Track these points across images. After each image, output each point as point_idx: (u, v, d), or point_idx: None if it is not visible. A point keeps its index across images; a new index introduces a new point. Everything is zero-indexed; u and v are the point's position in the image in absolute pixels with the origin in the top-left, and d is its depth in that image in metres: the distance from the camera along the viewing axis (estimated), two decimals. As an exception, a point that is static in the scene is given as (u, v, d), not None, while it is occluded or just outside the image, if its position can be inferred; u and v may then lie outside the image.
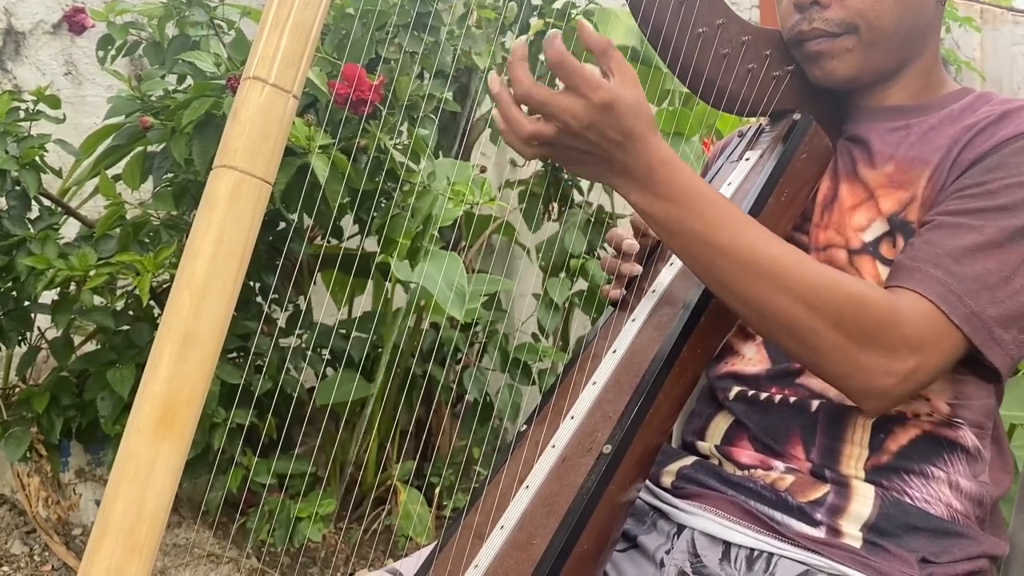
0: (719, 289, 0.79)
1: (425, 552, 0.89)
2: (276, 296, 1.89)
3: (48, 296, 1.68)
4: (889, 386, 0.76)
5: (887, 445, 0.84)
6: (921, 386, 0.78)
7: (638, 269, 0.92)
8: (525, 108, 0.76)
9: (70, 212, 1.85)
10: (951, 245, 0.78)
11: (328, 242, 1.95)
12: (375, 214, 1.72)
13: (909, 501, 0.83)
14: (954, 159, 0.83)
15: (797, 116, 0.91)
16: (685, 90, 0.91)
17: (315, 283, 2.05)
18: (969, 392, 0.85)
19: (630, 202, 0.79)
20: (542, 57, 1.98)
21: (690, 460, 0.93)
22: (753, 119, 0.96)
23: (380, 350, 1.89)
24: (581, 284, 2.04)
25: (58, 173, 1.81)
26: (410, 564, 0.90)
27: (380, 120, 1.64)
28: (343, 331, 1.97)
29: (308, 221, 1.83)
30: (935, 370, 0.77)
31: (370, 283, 2.06)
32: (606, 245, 0.96)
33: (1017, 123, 0.81)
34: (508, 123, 0.76)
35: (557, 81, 0.75)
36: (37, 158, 1.66)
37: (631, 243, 0.93)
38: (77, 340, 1.86)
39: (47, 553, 1.91)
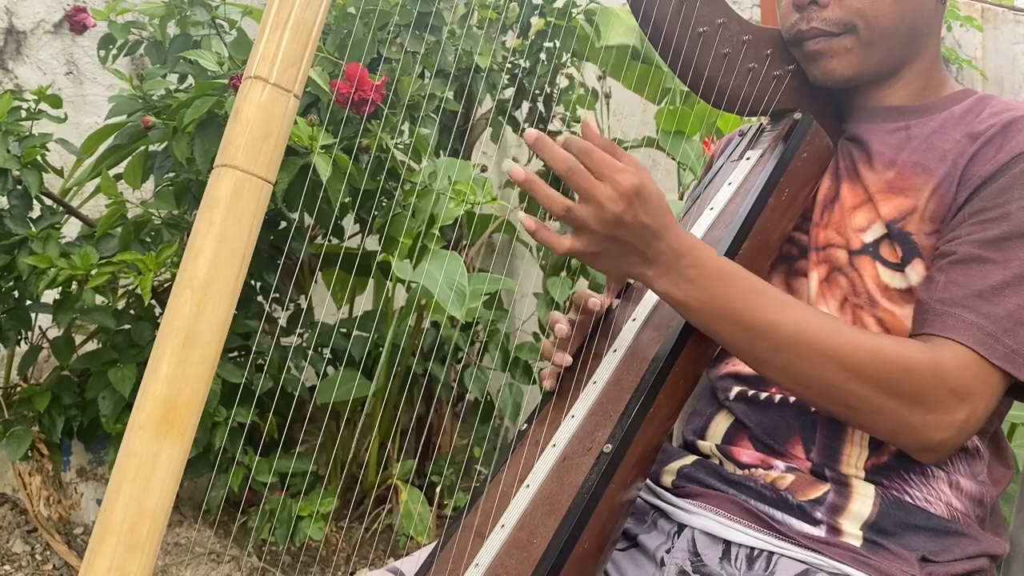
0: (761, 366, 0.80)
1: (426, 551, 0.89)
2: (277, 295, 1.89)
3: (50, 295, 1.68)
4: (944, 439, 0.77)
5: (887, 445, 0.84)
6: (975, 431, 0.79)
7: (568, 360, 0.88)
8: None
9: (71, 211, 1.85)
10: (979, 285, 0.78)
11: (329, 241, 1.95)
12: (376, 213, 1.72)
13: (909, 500, 0.83)
14: (960, 173, 0.82)
15: (798, 115, 0.91)
16: (685, 89, 0.92)
17: (316, 282, 2.05)
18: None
19: (658, 290, 0.79)
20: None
21: (691, 459, 0.93)
22: (754, 118, 0.96)
23: (381, 349, 1.89)
24: (582, 283, 2.04)
25: (60, 172, 1.82)
26: (411, 563, 0.90)
27: (382, 120, 1.65)
28: (344, 330, 1.97)
29: (309, 220, 1.83)
30: (985, 413, 0.78)
31: (371, 282, 2.07)
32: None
33: (1023, 135, 0.81)
34: (542, 200, 0.75)
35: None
36: (39, 157, 1.66)
37: (561, 327, 0.88)
38: (78, 339, 1.86)
39: (48, 552, 1.92)
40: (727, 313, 0.78)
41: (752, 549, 0.83)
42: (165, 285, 1.82)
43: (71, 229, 1.83)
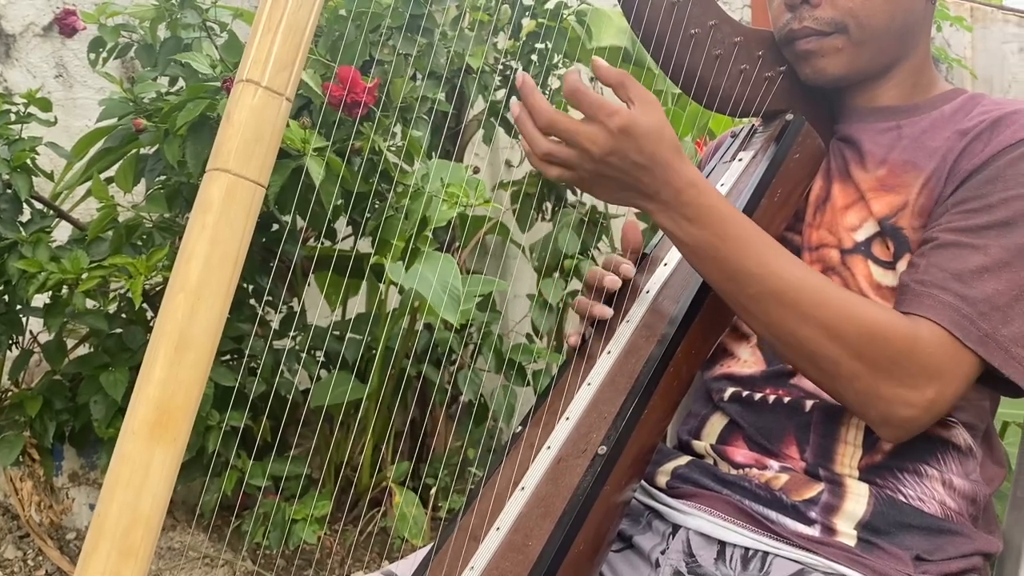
0: (743, 313, 0.80)
1: (421, 554, 0.89)
2: (270, 298, 1.88)
3: (40, 299, 1.68)
4: (910, 417, 0.77)
5: (880, 444, 0.84)
6: (941, 415, 0.79)
7: (609, 312, 0.89)
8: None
9: (62, 215, 1.84)
10: (958, 267, 0.78)
11: (322, 244, 1.95)
12: (369, 215, 1.72)
13: (903, 499, 0.83)
14: (949, 168, 0.83)
15: (790, 116, 0.91)
16: (677, 90, 0.92)
17: (309, 285, 2.05)
18: (965, 394, 0.85)
19: (659, 224, 0.79)
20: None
21: (685, 460, 0.93)
22: (746, 119, 0.96)
23: (374, 351, 1.89)
24: (575, 284, 2.05)
25: (49, 176, 1.81)
26: (406, 566, 0.90)
27: (374, 122, 1.64)
28: (337, 332, 1.97)
29: (301, 223, 1.83)
30: (953, 397, 0.78)
31: (364, 284, 2.06)
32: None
33: (1012, 130, 0.81)
34: (527, 143, 0.77)
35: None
36: (28, 161, 1.65)
37: (614, 279, 0.90)
38: (70, 343, 1.85)
39: (41, 558, 1.91)
40: (720, 254, 0.77)
41: (747, 549, 0.83)
42: (156, 289, 1.81)
43: (61, 233, 1.82)
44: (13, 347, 1.81)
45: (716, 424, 0.93)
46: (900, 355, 0.76)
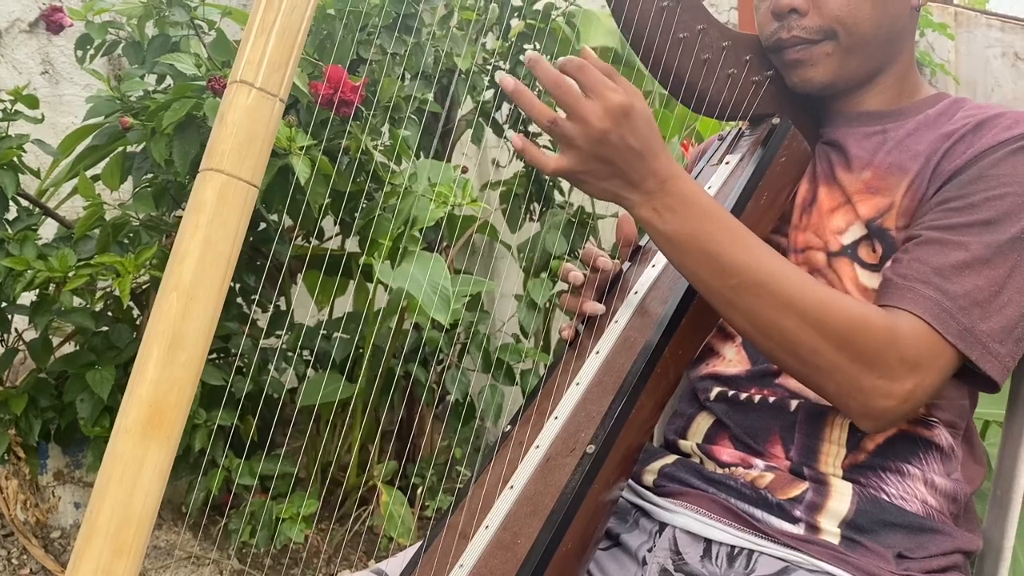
0: (724, 307, 0.80)
1: (410, 552, 0.89)
2: (255, 297, 1.88)
3: (27, 297, 1.67)
4: (888, 408, 0.77)
5: (864, 444, 0.85)
6: (919, 406, 0.79)
7: (601, 309, 0.91)
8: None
9: (48, 213, 1.83)
10: (939, 263, 0.79)
11: (309, 243, 1.94)
12: (357, 215, 1.72)
13: (886, 498, 0.84)
14: (933, 169, 0.84)
15: (776, 120, 0.92)
16: (665, 92, 0.92)
17: (296, 284, 2.05)
18: (945, 393, 0.86)
19: (639, 218, 0.79)
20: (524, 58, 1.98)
21: (672, 459, 0.94)
22: (733, 123, 0.97)
23: (362, 351, 1.89)
24: (562, 285, 2.05)
25: (36, 173, 1.80)
26: (395, 564, 0.91)
27: (363, 121, 1.64)
28: (324, 332, 1.97)
29: (288, 222, 1.82)
30: (931, 388, 0.78)
31: (351, 284, 2.06)
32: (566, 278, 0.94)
33: (994, 132, 0.82)
34: (529, 111, 0.75)
35: None
36: (15, 158, 1.64)
37: (576, 275, 0.93)
38: (55, 341, 1.85)
39: (25, 556, 1.90)
40: (702, 247, 0.77)
41: (733, 547, 0.84)
42: (143, 287, 1.81)
43: (48, 230, 1.81)
44: (-2, 345, 1.80)
45: (702, 423, 0.94)
46: (880, 346, 0.77)
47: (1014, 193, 0.79)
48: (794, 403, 0.88)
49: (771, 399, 0.89)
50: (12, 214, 1.69)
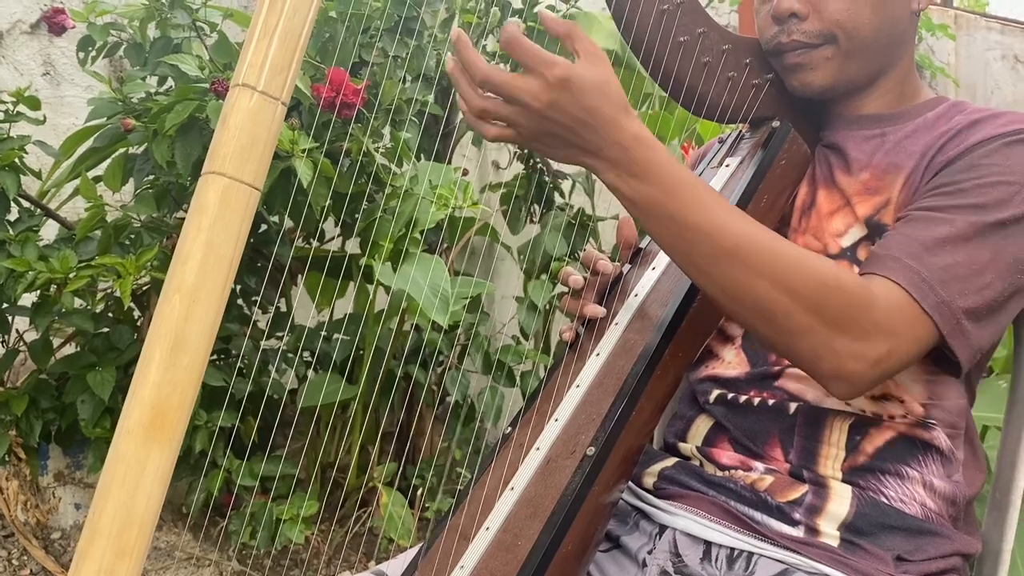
0: (695, 272, 0.78)
1: (411, 553, 0.89)
2: (256, 299, 1.88)
3: (28, 298, 1.67)
4: (859, 370, 0.76)
5: (863, 446, 0.86)
6: (890, 373, 0.78)
7: (602, 312, 0.90)
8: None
9: (50, 214, 1.83)
10: (923, 236, 0.79)
11: (310, 244, 1.95)
12: (357, 217, 1.72)
13: (885, 501, 0.85)
14: (927, 163, 0.85)
15: (776, 123, 0.93)
16: (665, 95, 0.93)
17: (297, 286, 2.05)
18: (942, 392, 0.87)
19: (605, 182, 0.77)
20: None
21: (671, 461, 0.94)
22: (733, 126, 0.98)
23: (362, 352, 1.89)
24: (563, 287, 2.05)
25: (37, 175, 1.80)
26: (396, 565, 0.91)
27: (365, 124, 1.65)
28: (324, 333, 1.97)
29: (289, 223, 1.83)
30: (905, 357, 0.78)
31: (352, 286, 2.07)
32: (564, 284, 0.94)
33: (988, 128, 0.83)
34: (462, 100, 0.74)
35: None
36: (16, 159, 1.65)
37: (576, 278, 0.93)
38: (56, 342, 1.85)
39: (26, 557, 1.90)
40: (670, 212, 0.75)
41: (732, 550, 0.84)
42: (144, 288, 1.81)
43: (49, 232, 1.81)
44: (-1, 346, 1.80)
45: (702, 426, 0.94)
46: (855, 309, 0.76)
47: (1005, 182, 0.80)
48: (793, 406, 0.88)
49: (770, 402, 0.89)
50: (13, 215, 1.70)
